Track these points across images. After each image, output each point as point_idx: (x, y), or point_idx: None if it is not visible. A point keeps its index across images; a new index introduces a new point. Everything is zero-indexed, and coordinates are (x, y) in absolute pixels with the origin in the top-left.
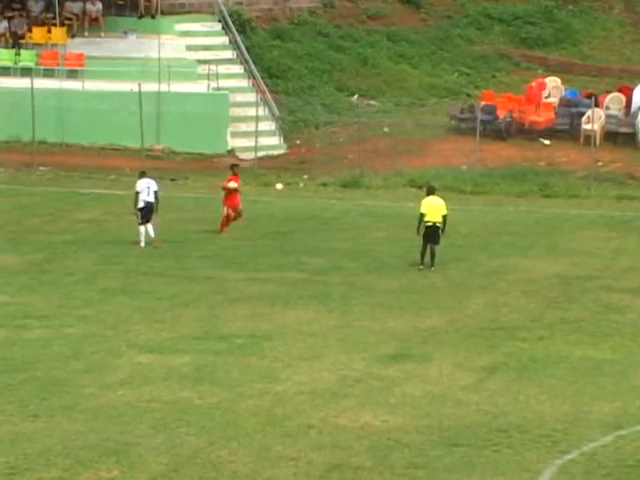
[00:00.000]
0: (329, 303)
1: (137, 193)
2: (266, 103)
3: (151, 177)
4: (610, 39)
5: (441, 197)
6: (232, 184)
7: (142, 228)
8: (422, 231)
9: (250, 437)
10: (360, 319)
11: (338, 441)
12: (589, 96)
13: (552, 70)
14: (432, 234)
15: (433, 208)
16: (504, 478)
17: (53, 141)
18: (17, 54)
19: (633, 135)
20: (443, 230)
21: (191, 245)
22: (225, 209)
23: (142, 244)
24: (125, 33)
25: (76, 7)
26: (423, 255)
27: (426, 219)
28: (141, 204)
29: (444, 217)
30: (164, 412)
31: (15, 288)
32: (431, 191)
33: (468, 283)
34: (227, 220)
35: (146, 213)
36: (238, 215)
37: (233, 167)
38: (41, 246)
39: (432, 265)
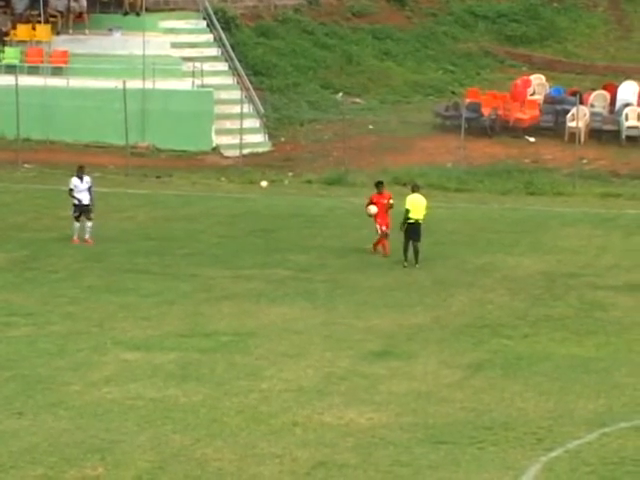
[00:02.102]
0: (314, 300)
1: (71, 190)
2: (251, 100)
3: (87, 174)
4: (595, 36)
5: (425, 195)
6: (372, 208)
7: (77, 224)
8: (404, 227)
9: (235, 434)
10: (345, 316)
11: (323, 438)
12: (574, 93)
13: (537, 67)
14: (414, 231)
15: (417, 205)
16: (489, 475)
17: (37, 138)
18: (1, 51)
19: (617, 133)
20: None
21: (176, 242)
22: (378, 227)
23: (76, 238)
24: (110, 30)
25: (60, 4)
26: (406, 252)
27: (409, 215)
28: (79, 201)
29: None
30: (149, 409)
31: None
32: (416, 189)
33: (453, 280)
34: (381, 239)
35: (85, 211)
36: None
37: (378, 185)
38: (25, 243)
39: (416, 262)
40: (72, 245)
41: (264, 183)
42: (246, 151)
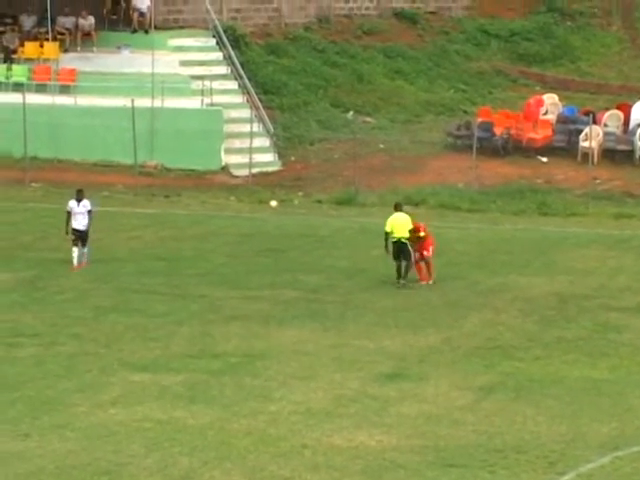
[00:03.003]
0: (324, 322)
1: (68, 213)
2: (260, 119)
3: (86, 197)
4: (608, 56)
5: (437, 215)
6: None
7: (76, 249)
8: (390, 248)
9: (243, 457)
10: (355, 338)
11: (333, 461)
12: (587, 113)
13: (550, 87)
14: (400, 250)
15: (399, 224)
16: None
17: (45, 157)
18: (9, 69)
19: (631, 153)
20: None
21: (184, 262)
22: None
23: (75, 263)
24: (118, 48)
25: (68, 22)
26: (399, 271)
27: (393, 235)
28: (78, 227)
29: (410, 231)
30: (157, 431)
31: (6, 306)
32: (398, 208)
33: (465, 301)
34: (426, 265)
35: (81, 237)
36: (420, 259)
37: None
38: (32, 263)
39: (403, 278)
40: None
41: (274, 203)
42: (255, 170)
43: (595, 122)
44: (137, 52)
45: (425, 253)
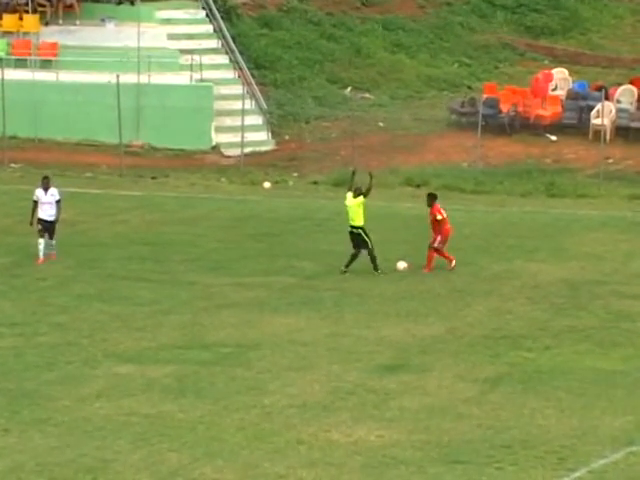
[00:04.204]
0: (321, 310)
1: (35, 202)
2: (253, 96)
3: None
4: (621, 27)
5: (440, 197)
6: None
7: (42, 241)
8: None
9: (236, 453)
10: (354, 327)
11: (330, 458)
12: (599, 89)
13: (559, 61)
14: (355, 240)
15: (350, 211)
16: None
17: (25, 136)
18: None
19: None
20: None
21: (172, 248)
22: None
23: (41, 257)
24: (102, 21)
25: None
26: (353, 258)
27: (349, 223)
28: (44, 217)
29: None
30: (144, 426)
31: None
32: (357, 192)
33: (470, 288)
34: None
35: (47, 228)
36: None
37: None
38: (12, 249)
39: (375, 269)
40: (61, 250)
41: (267, 184)
42: (248, 150)
43: (607, 98)
44: (122, 25)
45: (436, 242)
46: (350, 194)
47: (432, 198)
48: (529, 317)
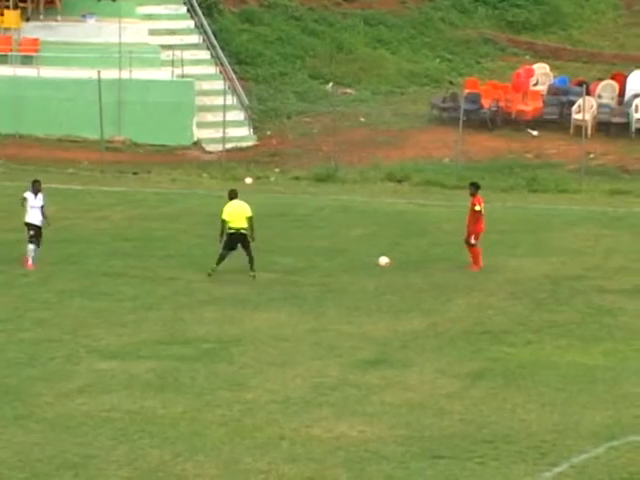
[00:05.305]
0: (302, 305)
1: (24, 199)
2: (234, 91)
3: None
4: (602, 23)
5: (421, 192)
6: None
7: (31, 246)
8: (222, 239)
9: (217, 449)
10: (335, 322)
11: (312, 453)
12: (580, 84)
13: (540, 56)
14: (237, 241)
15: (236, 213)
16: None
17: (6, 132)
18: None
19: (626, 125)
20: (252, 236)
21: (154, 243)
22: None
23: (30, 262)
24: (83, 17)
25: None
26: (219, 262)
27: (229, 226)
28: (33, 222)
29: (250, 219)
30: (125, 422)
31: None
32: (233, 195)
33: (451, 284)
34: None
35: (36, 234)
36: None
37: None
38: None
39: (252, 269)
40: (43, 246)
41: (248, 180)
42: (229, 145)
43: (588, 93)
44: (103, 20)
45: (472, 239)
46: (235, 201)
47: (475, 187)
48: (510, 312)
